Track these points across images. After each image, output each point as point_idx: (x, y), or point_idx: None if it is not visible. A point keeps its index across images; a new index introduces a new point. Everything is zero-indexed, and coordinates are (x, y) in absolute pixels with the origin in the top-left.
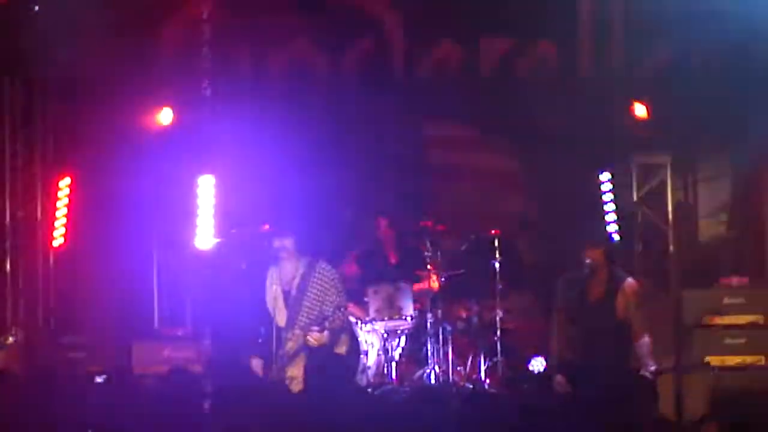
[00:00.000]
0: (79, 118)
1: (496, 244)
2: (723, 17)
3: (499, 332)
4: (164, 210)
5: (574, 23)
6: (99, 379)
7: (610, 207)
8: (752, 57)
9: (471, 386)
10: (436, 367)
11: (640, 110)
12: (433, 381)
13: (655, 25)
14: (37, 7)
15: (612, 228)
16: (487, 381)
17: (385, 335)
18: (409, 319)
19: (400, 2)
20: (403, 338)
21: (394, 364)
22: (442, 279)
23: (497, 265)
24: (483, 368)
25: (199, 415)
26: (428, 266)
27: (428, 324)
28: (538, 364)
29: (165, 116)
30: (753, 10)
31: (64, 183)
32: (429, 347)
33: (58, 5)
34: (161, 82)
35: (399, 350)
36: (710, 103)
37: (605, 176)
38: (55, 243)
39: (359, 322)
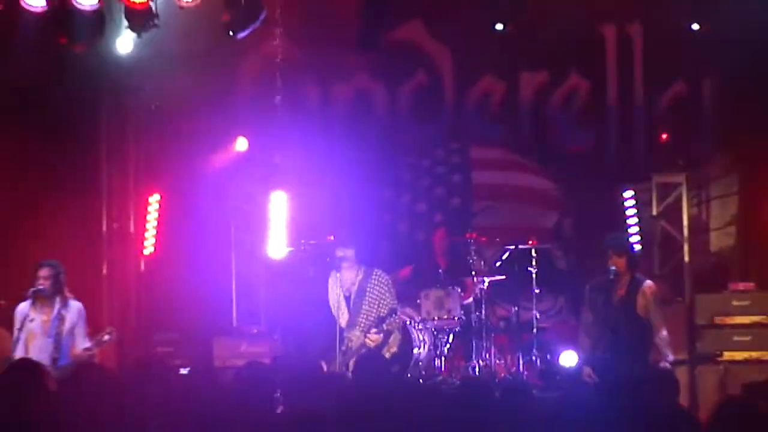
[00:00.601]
0: (167, 143)
1: (533, 253)
2: (733, 46)
3: (535, 330)
4: (241, 223)
5: (602, 59)
6: (183, 371)
7: (632, 221)
8: (762, 84)
9: (511, 378)
10: (480, 361)
11: (659, 136)
12: (477, 373)
13: (671, 61)
14: (130, 48)
15: (634, 239)
16: (525, 373)
17: (435, 333)
18: (456, 319)
19: (450, 42)
20: (452, 335)
21: (443, 358)
22: (485, 284)
23: (533, 271)
24: (521, 362)
25: (271, 401)
26: (472, 273)
27: (473, 323)
28: (568, 358)
29: (241, 143)
30: (762, 38)
31: (154, 199)
32: (474, 344)
33: (147, 43)
34: (239, 110)
35: (447, 346)
36: (722, 128)
37: (628, 194)
38: (146, 252)
39: (412, 321)
